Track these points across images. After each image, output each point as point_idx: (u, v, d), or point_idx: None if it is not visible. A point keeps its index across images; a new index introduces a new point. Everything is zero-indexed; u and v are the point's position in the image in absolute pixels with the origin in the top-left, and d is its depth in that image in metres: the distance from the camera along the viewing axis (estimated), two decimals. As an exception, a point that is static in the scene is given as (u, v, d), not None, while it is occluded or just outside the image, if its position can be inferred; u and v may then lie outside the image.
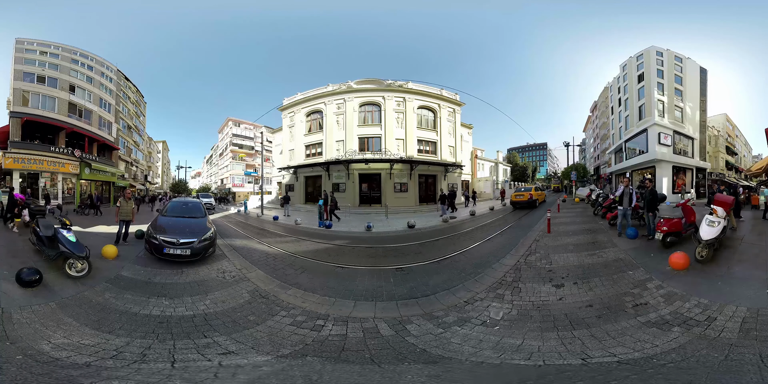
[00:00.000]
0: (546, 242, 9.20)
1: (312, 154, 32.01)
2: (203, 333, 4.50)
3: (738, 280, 5.38)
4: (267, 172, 43.53)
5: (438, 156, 31.25)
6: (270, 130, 49.05)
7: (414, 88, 30.18)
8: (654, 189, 9.60)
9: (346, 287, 6.43)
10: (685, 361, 3.41)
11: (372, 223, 14.84)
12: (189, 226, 8.48)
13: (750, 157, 60.35)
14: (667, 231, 7.57)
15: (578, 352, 3.82)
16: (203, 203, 11.06)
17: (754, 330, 3.85)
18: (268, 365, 3.71)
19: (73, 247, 6.40)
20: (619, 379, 3.20)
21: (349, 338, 4.41)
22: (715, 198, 7.45)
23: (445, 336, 4.45)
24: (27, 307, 4.81)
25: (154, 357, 3.81)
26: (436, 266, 7.80)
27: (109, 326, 4.55)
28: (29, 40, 27.16)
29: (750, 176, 36.64)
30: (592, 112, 58.68)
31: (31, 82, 25.63)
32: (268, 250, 9.84)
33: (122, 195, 10.63)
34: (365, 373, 3.56)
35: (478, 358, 3.85)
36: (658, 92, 28.87)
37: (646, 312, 4.65)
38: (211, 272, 7.24)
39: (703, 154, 33.50)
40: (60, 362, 3.54)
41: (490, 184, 42.58)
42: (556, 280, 6.22)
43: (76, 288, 5.78)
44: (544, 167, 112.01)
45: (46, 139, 25.85)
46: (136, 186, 41.48)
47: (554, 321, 4.65)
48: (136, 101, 44.99)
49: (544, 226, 11.27)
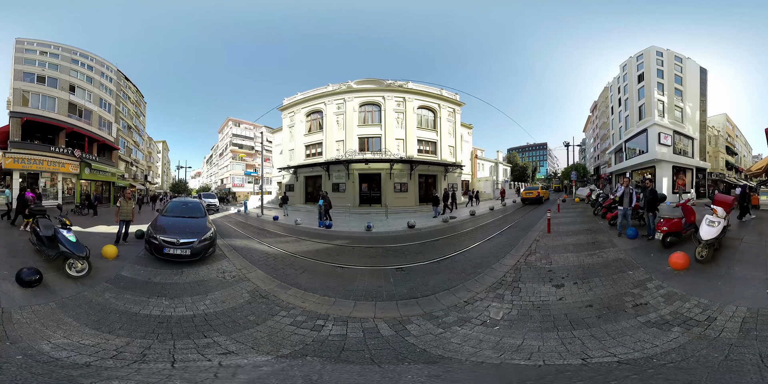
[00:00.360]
0: (546, 242, 9.20)
1: (312, 154, 32.01)
2: (203, 333, 4.50)
3: (738, 280, 5.38)
4: (267, 172, 43.54)
5: (438, 156, 31.24)
6: (270, 130, 49.08)
7: (414, 88, 30.18)
8: (654, 189, 9.60)
9: (346, 287, 6.43)
10: (685, 361, 3.41)
11: (372, 223, 14.84)
12: (189, 226, 8.47)
13: (750, 157, 60.36)
14: (667, 231, 7.57)
15: (578, 352, 3.82)
16: (207, 204, 10.97)
17: (754, 330, 3.85)
18: (268, 365, 3.71)
19: (73, 247, 6.40)
20: (619, 379, 3.20)
21: (349, 338, 4.41)
22: (715, 198, 7.45)
23: (445, 336, 4.45)
24: (27, 307, 4.81)
25: (154, 357, 3.81)
26: (436, 266, 7.80)
27: (109, 326, 4.55)
28: (29, 40, 27.17)
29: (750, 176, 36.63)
30: (592, 112, 58.68)
31: (31, 82, 25.65)
32: (268, 250, 9.84)
33: (122, 195, 10.63)
34: (365, 373, 3.56)
35: (478, 358, 3.85)
36: (658, 92, 28.87)
37: (646, 312, 4.65)
38: (211, 272, 7.24)
39: (703, 154, 33.52)
40: (60, 362, 3.54)
41: (490, 184, 42.57)
42: (556, 280, 6.22)
43: (76, 288, 5.78)
44: (544, 167, 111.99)
45: (46, 139, 25.87)
46: (136, 186, 41.47)
47: (554, 321, 4.65)
48: (136, 101, 45.00)
49: (544, 226, 11.27)
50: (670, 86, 29.47)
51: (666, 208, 8.27)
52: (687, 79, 30.68)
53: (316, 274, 7.36)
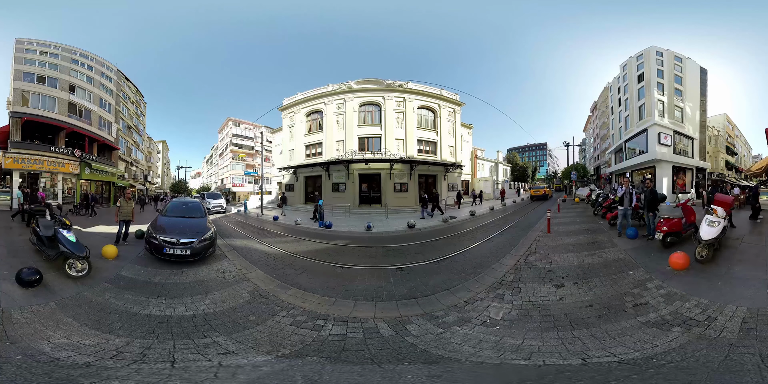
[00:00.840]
0: (546, 242, 9.20)
1: (312, 154, 32.01)
2: (203, 333, 4.50)
3: (738, 280, 5.38)
4: (267, 172, 43.54)
5: (438, 156, 31.25)
6: (270, 130, 49.06)
7: (414, 88, 30.18)
8: (654, 189, 9.60)
9: (346, 287, 6.43)
10: (685, 361, 3.41)
11: (372, 223, 14.85)
12: (189, 226, 8.47)
13: (750, 157, 60.36)
14: (667, 231, 7.57)
15: (578, 352, 3.82)
16: (213, 206, 10.81)
17: (754, 330, 3.85)
18: (268, 365, 3.71)
19: (73, 247, 6.40)
20: (619, 379, 3.20)
21: (349, 338, 4.40)
22: (715, 198, 7.45)
23: (445, 336, 4.45)
24: (27, 307, 4.81)
25: (154, 357, 3.81)
26: (436, 266, 7.80)
27: (109, 326, 4.55)
28: (29, 40, 27.16)
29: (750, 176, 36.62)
30: (592, 112, 58.66)
31: (31, 82, 25.63)
32: (268, 250, 9.84)
33: (122, 195, 10.62)
34: (365, 373, 3.56)
35: (478, 358, 3.85)
36: (658, 92, 28.87)
37: (646, 312, 4.65)
38: (211, 272, 7.24)
39: (703, 154, 33.51)
40: (60, 362, 3.54)
41: (490, 184, 42.58)
42: (556, 280, 6.21)
43: (76, 288, 5.78)
44: (544, 167, 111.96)
45: (46, 139, 25.85)
46: (136, 186, 41.46)
47: (554, 321, 4.65)
48: (136, 101, 44.99)
49: (544, 226, 11.27)
50: (670, 86, 29.46)
51: (666, 208, 8.27)
52: (687, 79, 30.67)
53: (316, 274, 7.36)
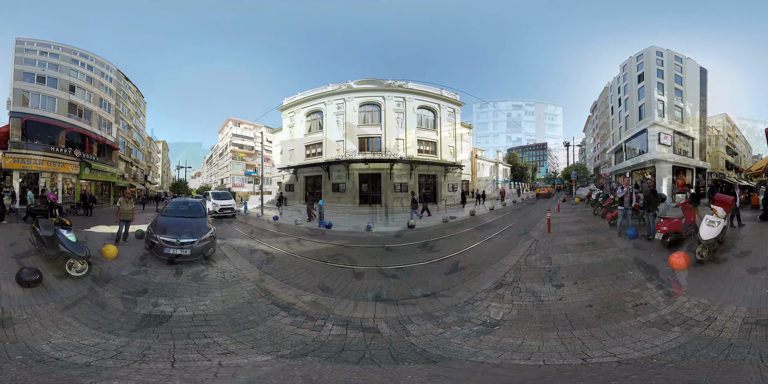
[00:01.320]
0: (546, 242, 9.19)
1: (312, 154, 31.99)
2: (203, 333, 4.50)
3: (738, 280, 5.38)
4: (267, 172, 43.48)
5: (438, 156, 31.23)
6: (270, 130, 48.97)
7: (414, 88, 30.16)
8: (654, 189, 9.60)
9: (346, 287, 6.43)
10: (685, 361, 3.41)
11: (372, 223, 14.84)
12: (189, 226, 8.46)
13: (750, 157, 60.31)
14: (667, 231, 7.57)
15: (578, 352, 3.82)
16: (220, 208, 10.60)
17: (754, 330, 3.85)
18: (268, 365, 3.71)
19: (73, 247, 6.40)
20: (619, 379, 3.20)
21: (349, 338, 4.40)
22: (715, 198, 7.45)
23: (445, 336, 4.45)
24: (27, 307, 4.81)
25: (154, 357, 3.80)
26: (437, 266, 7.80)
27: (109, 326, 4.55)
28: (29, 40, 27.13)
29: (750, 176, 36.61)
30: (592, 112, 58.60)
31: (31, 82, 25.62)
32: (268, 250, 9.83)
33: (122, 195, 10.62)
34: (365, 373, 3.56)
35: (478, 358, 3.85)
36: (658, 92, 28.85)
37: (646, 312, 4.65)
38: (211, 272, 7.24)
39: (703, 154, 33.49)
40: (60, 362, 3.54)
41: (490, 184, 42.58)
42: (556, 280, 6.21)
43: (76, 288, 5.78)
44: (544, 167, 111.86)
45: (46, 139, 25.80)
46: (136, 186, 41.45)
47: (554, 321, 4.65)
48: (136, 101, 44.96)
49: (544, 226, 11.27)
50: (670, 86, 29.45)
51: (666, 208, 8.27)
52: (687, 79, 30.65)
53: (316, 274, 7.36)
